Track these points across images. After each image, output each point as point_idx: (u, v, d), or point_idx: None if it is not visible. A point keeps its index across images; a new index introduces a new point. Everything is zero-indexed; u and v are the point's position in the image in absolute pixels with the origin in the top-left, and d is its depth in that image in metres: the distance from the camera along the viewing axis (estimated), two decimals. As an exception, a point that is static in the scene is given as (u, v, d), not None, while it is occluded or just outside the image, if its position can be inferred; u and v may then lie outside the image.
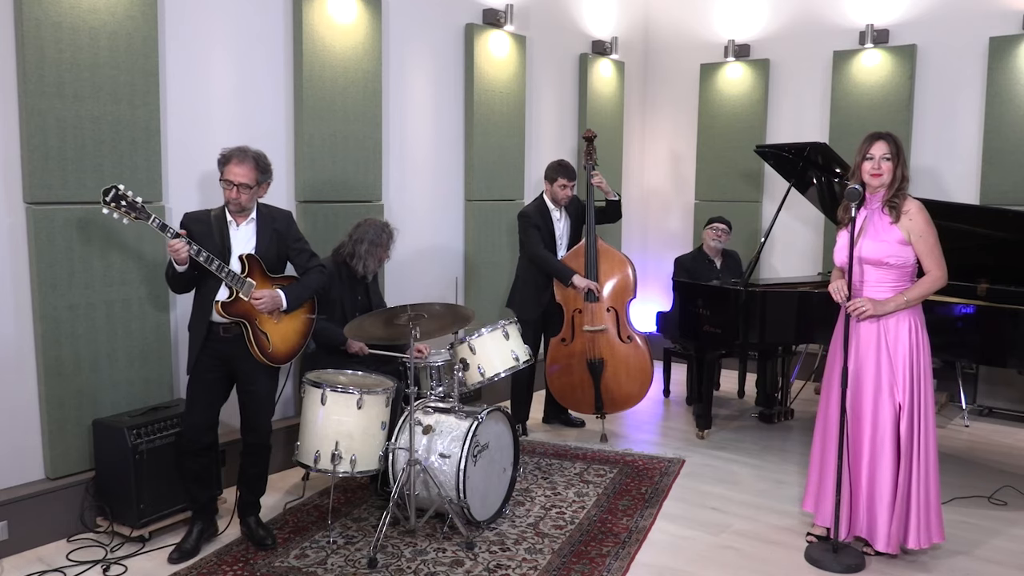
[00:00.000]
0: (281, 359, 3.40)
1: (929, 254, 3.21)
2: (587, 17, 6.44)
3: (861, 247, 3.25)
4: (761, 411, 5.48)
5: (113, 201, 3.01)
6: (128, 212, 3.03)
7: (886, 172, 3.21)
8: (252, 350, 3.29)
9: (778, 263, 6.64)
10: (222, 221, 3.32)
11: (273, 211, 3.46)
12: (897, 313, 3.25)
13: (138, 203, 3.05)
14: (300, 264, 3.49)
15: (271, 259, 3.37)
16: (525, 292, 4.96)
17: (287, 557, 3.38)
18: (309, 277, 3.48)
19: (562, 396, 5.05)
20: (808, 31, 6.36)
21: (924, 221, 3.21)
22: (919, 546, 3.28)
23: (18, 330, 3.42)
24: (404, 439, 3.58)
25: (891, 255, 3.21)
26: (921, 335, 3.29)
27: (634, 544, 3.54)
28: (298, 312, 3.45)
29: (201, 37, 3.94)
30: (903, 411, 3.23)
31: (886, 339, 3.25)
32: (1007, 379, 5.46)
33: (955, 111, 5.78)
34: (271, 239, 3.38)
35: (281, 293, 3.33)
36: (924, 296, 3.25)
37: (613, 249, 5.03)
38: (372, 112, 4.68)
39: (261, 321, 3.31)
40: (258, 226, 3.36)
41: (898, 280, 3.25)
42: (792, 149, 4.80)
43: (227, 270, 3.20)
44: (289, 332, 3.43)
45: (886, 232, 3.22)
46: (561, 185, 4.87)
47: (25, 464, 3.48)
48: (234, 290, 3.24)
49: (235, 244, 3.31)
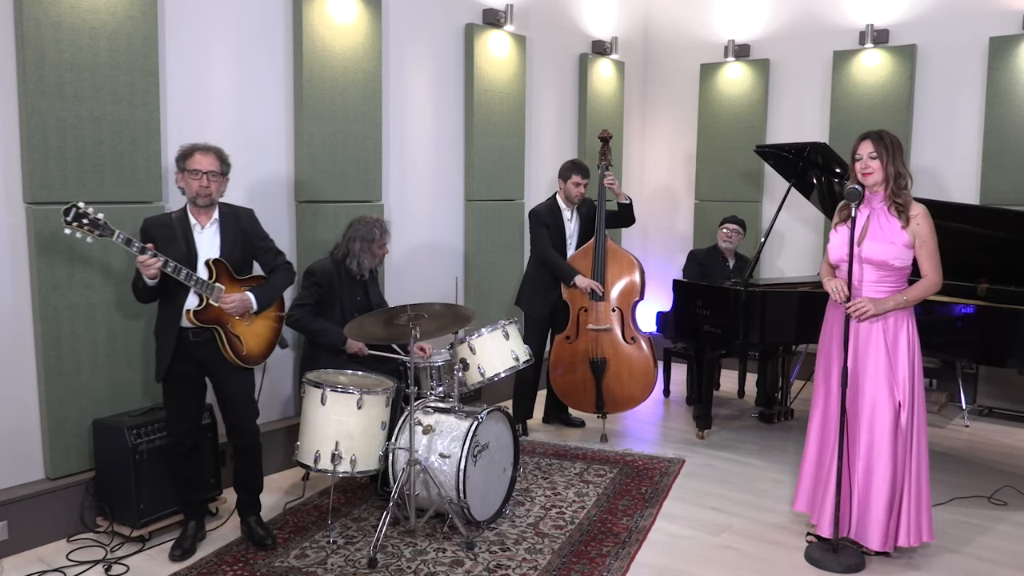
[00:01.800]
0: (255, 360, 3.38)
1: (929, 259, 3.23)
2: (587, 17, 6.44)
3: (864, 248, 3.25)
4: (761, 411, 5.48)
5: (74, 220, 2.93)
6: (91, 230, 2.95)
7: (875, 170, 3.22)
8: (226, 354, 3.26)
9: (778, 263, 6.65)
10: (185, 224, 3.25)
11: (236, 210, 3.40)
12: (896, 313, 3.26)
13: (100, 220, 2.97)
14: (267, 263, 3.45)
15: (237, 260, 3.32)
16: (534, 290, 4.97)
17: (287, 557, 3.38)
18: (277, 276, 3.44)
19: (564, 394, 5.05)
20: (808, 31, 6.36)
21: (929, 227, 3.24)
22: (909, 544, 3.31)
23: (18, 330, 3.42)
24: (404, 439, 3.58)
25: (896, 257, 3.21)
26: (916, 335, 3.32)
27: (634, 544, 3.54)
28: (267, 312, 3.42)
29: (201, 37, 3.94)
30: (903, 409, 3.23)
31: (886, 338, 3.26)
32: (1007, 379, 5.46)
33: (955, 111, 5.78)
34: (236, 240, 3.33)
35: (251, 295, 3.29)
36: (922, 298, 3.28)
37: (623, 250, 5.02)
38: (372, 112, 4.68)
39: (233, 324, 3.28)
40: (222, 227, 3.30)
41: (897, 281, 3.26)
42: (792, 149, 4.80)
43: (195, 278, 3.15)
44: (261, 332, 3.40)
45: (893, 235, 3.22)
46: (575, 183, 4.89)
47: (25, 464, 3.48)
48: (204, 297, 3.19)
49: (200, 248, 3.24)
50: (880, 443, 3.25)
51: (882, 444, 3.24)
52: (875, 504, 3.25)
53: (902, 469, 3.25)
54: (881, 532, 3.25)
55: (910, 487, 3.28)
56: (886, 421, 3.24)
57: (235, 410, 3.40)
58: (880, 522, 3.24)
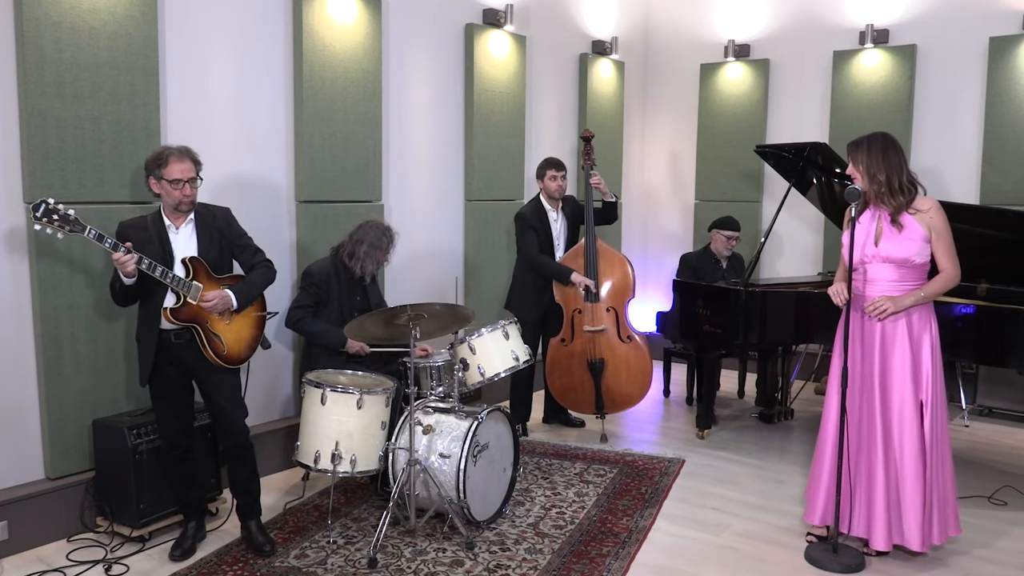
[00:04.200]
0: (236, 360, 3.34)
1: (947, 252, 3.22)
2: (587, 17, 6.44)
3: (881, 247, 3.24)
4: (761, 411, 5.47)
5: (44, 216, 2.89)
6: (61, 226, 2.91)
7: (857, 177, 3.25)
8: (207, 354, 3.22)
9: (778, 263, 6.64)
10: (160, 226, 3.21)
11: (212, 209, 3.36)
12: (920, 310, 3.26)
13: (71, 216, 2.93)
14: (245, 261, 3.41)
15: (214, 259, 3.28)
16: (524, 294, 4.96)
17: (287, 557, 3.38)
18: (256, 274, 3.39)
19: (562, 396, 5.05)
20: (808, 31, 6.36)
21: (943, 219, 3.22)
22: (939, 542, 3.31)
23: (18, 330, 3.43)
24: (404, 439, 3.58)
25: (916, 252, 3.20)
26: (938, 334, 3.31)
27: (634, 544, 3.54)
28: (248, 311, 3.37)
29: (201, 37, 3.94)
30: (926, 408, 3.23)
31: (911, 337, 3.24)
32: (1007, 379, 5.46)
33: (955, 111, 5.78)
34: (213, 238, 3.29)
35: (230, 293, 3.26)
36: (940, 293, 3.25)
37: (612, 249, 5.03)
38: (372, 112, 4.68)
39: (212, 323, 3.24)
40: (197, 227, 3.26)
41: (919, 278, 3.25)
42: (792, 149, 4.79)
43: (172, 275, 3.12)
44: (242, 332, 3.35)
45: (910, 230, 3.20)
46: (551, 176, 4.88)
47: (25, 464, 3.48)
48: (181, 295, 3.16)
49: (176, 248, 3.21)
50: (910, 444, 3.22)
51: (913, 444, 3.22)
52: (912, 506, 3.23)
53: (931, 468, 3.24)
54: (920, 532, 3.23)
55: (938, 485, 3.27)
56: (915, 421, 3.22)
57: (221, 412, 3.36)
58: (918, 523, 3.23)
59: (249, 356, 3.41)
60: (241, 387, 3.44)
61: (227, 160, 4.06)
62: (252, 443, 3.47)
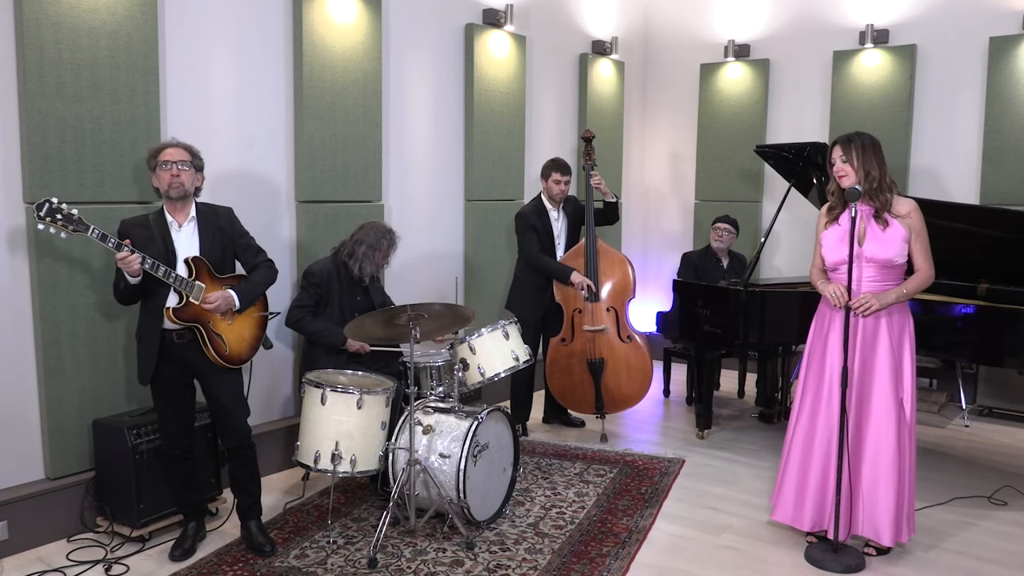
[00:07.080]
0: (238, 360, 3.34)
1: (923, 252, 3.29)
2: (587, 17, 6.44)
3: (866, 248, 3.27)
4: (761, 411, 5.48)
5: (48, 216, 2.89)
6: (65, 226, 2.92)
7: (848, 173, 3.26)
8: (208, 354, 3.22)
9: (779, 263, 6.64)
10: (163, 224, 3.20)
11: (214, 208, 3.35)
12: (899, 310, 3.31)
13: (74, 215, 2.94)
14: (247, 261, 3.41)
15: (217, 258, 3.28)
16: (524, 293, 4.96)
17: (287, 557, 3.38)
18: (259, 274, 3.39)
19: (562, 396, 5.05)
20: (808, 31, 6.36)
21: (921, 220, 3.30)
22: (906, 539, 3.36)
23: (18, 330, 3.43)
24: (404, 439, 3.58)
25: (898, 253, 3.26)
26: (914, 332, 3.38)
27: (634, 544, 3.54)
28: (250, 311, 3.37)
29: (201, 37, 3.94)
30: (905, 404, 3.28)
31: (891, 336, 3.29)
32: (1007, 379, 5.46)
33: (955, 111, 5.78)
34: (215, 238, 3.29)
35: (233, 293, 3.26)
36: (918, 291, 3.32)
37: (612, 249, 5.03)
38: (372, 112, 4.68)
39: (214, 323, 3.24)
40: (199, 225, 3.26)
41: (897, 279, 3.32)
42: (792, 149, 4.80)
43: (175, 275, 3.12)
44: (244, 332, 3.35)
45: (893, 230, 3.25)
46: (555, 180, 4.88)
47: (25, 464, 3.48)
48: (184, 295, 3.16)
49: (179, 247, 3.21)
50: (888, 440, 3.27)
51: (890, 441, 3.27)
52: (885, 500, 3.27)
53: (904, 465, 3.29)
54: (892, 527, 3.28)
55: (909, 483, 3.33)
56: (893, 418, 3.27)
57: (223, 412, 3.36)
58: (891, 518, 3.27)
59: (251, 356, 3.41)
60: (243, 386, 3.44)
61: (227, 160, 4.06)
62: (254, 443, 3.48)
